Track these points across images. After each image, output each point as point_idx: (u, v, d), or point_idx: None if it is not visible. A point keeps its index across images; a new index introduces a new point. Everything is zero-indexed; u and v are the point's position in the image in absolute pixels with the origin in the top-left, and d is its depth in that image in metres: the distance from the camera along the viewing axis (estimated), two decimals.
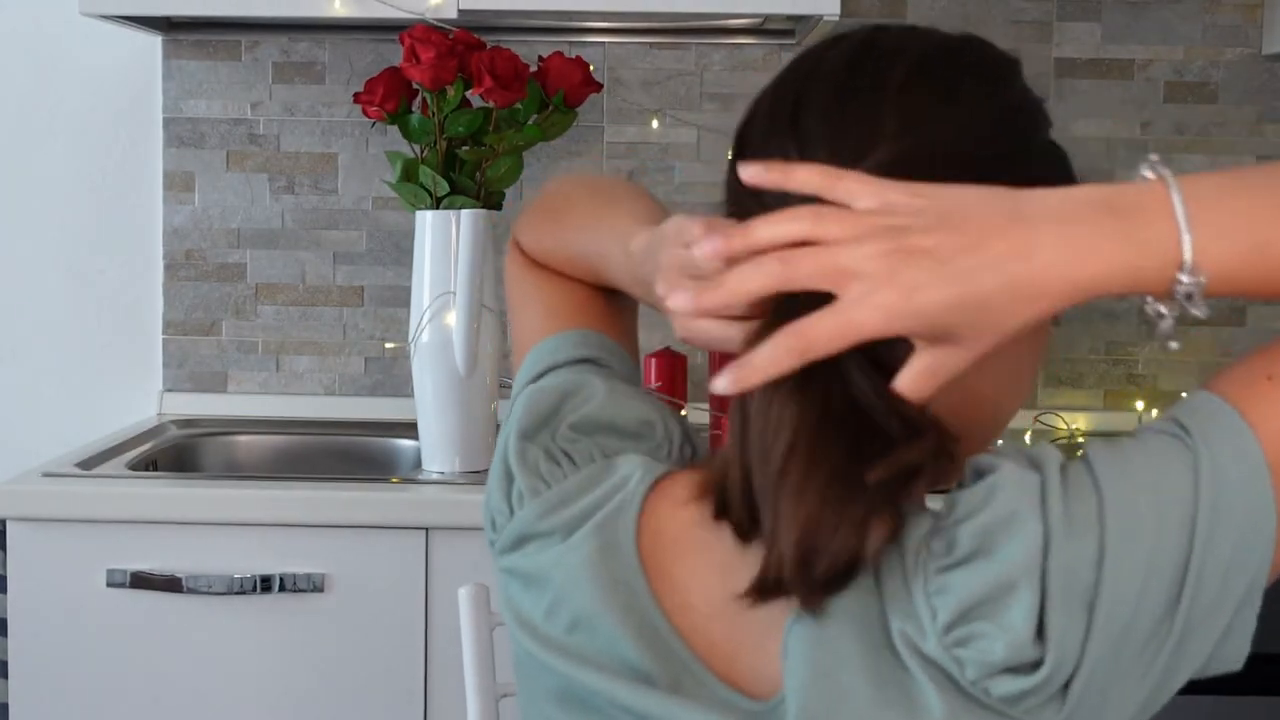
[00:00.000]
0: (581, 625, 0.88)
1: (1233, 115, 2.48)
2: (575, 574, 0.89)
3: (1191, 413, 0.83)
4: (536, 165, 2.46)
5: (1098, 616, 0.78)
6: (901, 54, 0.89)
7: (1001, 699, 0.78)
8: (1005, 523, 0.79)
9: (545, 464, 0.95)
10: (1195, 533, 0.79)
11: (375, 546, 1.93)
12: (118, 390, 2.54)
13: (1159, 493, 0.80)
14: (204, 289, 2.52)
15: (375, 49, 2.47)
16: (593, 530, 0.90)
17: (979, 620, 0.78)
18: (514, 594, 0.94)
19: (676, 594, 0.88)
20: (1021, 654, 0.78)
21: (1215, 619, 0.80)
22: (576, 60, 2.12)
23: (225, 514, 1.94)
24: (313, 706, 1.94)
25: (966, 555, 0.79)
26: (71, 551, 1.93)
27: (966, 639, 0.78)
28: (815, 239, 0.77)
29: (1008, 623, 0.78)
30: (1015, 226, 0.77)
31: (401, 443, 2.34)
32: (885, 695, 0.79)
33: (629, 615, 0.87)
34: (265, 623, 1.93)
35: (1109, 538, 0.78)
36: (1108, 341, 2.49)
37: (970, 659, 0.78)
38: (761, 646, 0.86)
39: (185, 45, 2.49)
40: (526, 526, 0.93)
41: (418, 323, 2.08)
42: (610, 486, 0.92)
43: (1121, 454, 0.82)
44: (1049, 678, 0.78)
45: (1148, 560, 0.79)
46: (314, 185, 2.51)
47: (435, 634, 1.94)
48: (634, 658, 0.87)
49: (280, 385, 2.53)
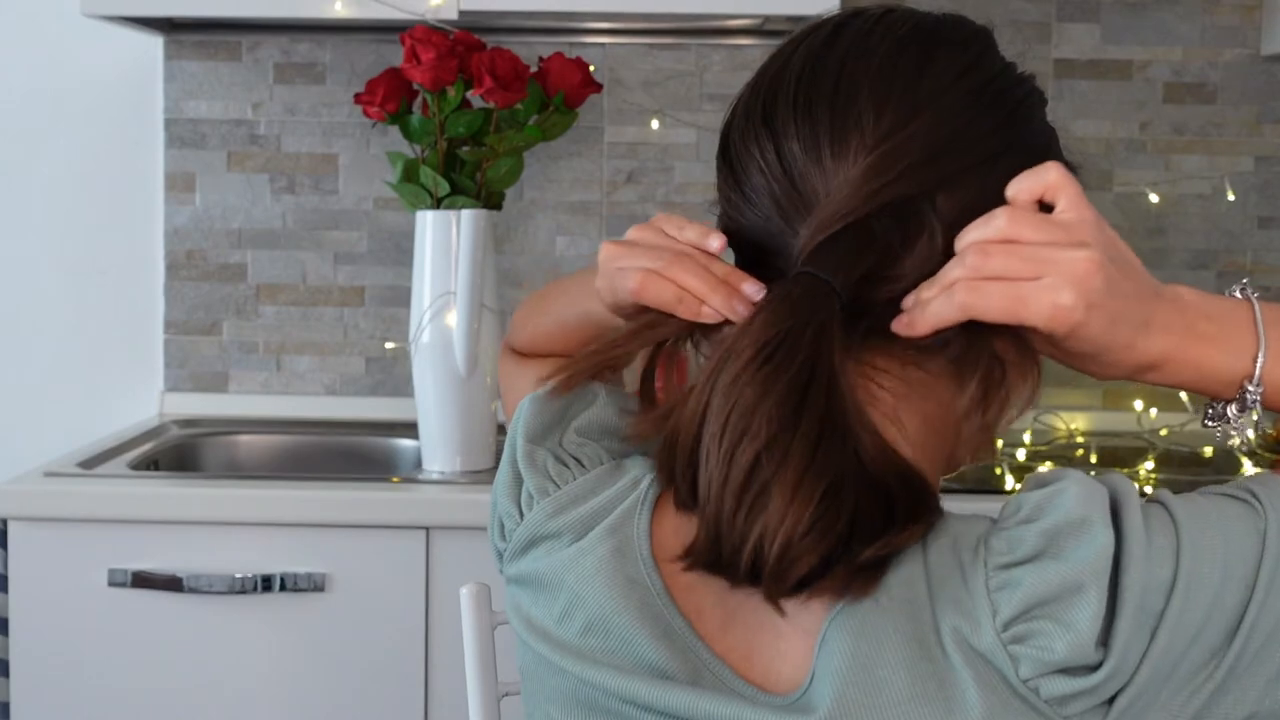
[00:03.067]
0: (596, 627, 0.88)
1: (1231, 116, 2.49)
2: (589, 576, 0.89)
3: (1261, 483, 0.86)
4: (536, 165, 2.47)
5: (1157, 642, 0.79)
6: (868, 43, 0.90)
7: (1050, 700, 0.79)
8: (1075, 527, 0.80)
9: (554, 465, 0.94)
10: (1256, 587, 0.81)
11: (375, 546, 1.93)
12: (119, 390, 2.54)
13: (1228, 547, 0.82)
14: (205, 289, 2.52)
15: (376, 50, 2.47)
16: (605, 532, 0.90)
17: (1041, 619, 0.79)
18: (524, 602, 0.93)
19: (693, 595, 0.88)
20: (1081, 655, 0.78)
21: (1259, 669, 0.82)
22: (576, 61, 2.12)
23: (226, 514, 1.94)
24: (313, 706, 1.95)
25: (1033, 554, 0.80)
26: (73, 551, 1.93)
27: (1025, 636, 0.79)
28: (1020, 238, 0.82)
29: (1071, 622, 0.78)
30: (1162, 301, 0.86)
31: (401, 443, 2.35)
32: (923, 689, 0.80)
33: (645, 615, 0.87)
34: (265, 623, 1.94)
35: (1181, 575, 0.80)
36: None
37: (1027, 656, 0.79)
38: (777, 646, 0.85)
39: (186, 46, 2.49)
40: (536, 528, 0.93)
41: (418, 323, 2.08)
42: (621, 488, 0.92)
43: (1197, 505, 0.84)
44: (1103, 683, 0.79)
45: (1209, 606, 0.80)
46: (315, 186, 2.51)
47: (435, 634, 1.94)
48: (652, 656, 0.86)
49: (281, 385, 2.53)
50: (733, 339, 0.83)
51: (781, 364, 0.80)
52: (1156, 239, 2.48)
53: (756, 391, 0.80)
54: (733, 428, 0.80)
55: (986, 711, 0.79)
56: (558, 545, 0.91)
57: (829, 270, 0.83)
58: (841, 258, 0.84)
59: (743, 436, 0.80)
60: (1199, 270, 2.48)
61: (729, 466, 0.80)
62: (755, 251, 0.91)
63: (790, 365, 0.80)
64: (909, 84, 0.88)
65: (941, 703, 0.79)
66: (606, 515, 0.91)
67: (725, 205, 0.93)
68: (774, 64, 0.93)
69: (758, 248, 0.91)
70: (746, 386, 0.80)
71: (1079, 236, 0.82)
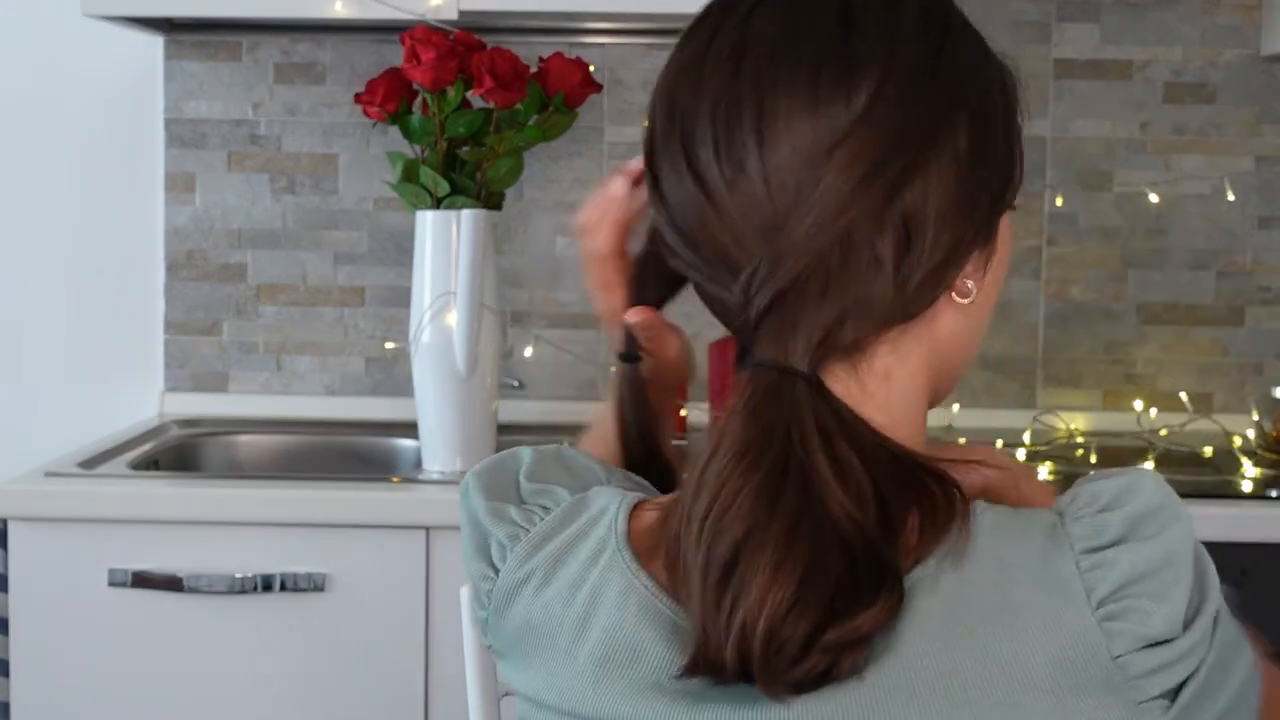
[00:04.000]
0: (603, 650, 0.85)
1: (1231, 116, 2.49)
2: (586, 604, 0.86)
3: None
4: (536, 166, 2.47)
5: (1217, 639, 0.83)
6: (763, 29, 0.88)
7: (1136, 675, 0.80)
8: (1155, 512, 0.82)
9: (519, 513, 0.92)
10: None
11: (375, 546, 1.94)
12: (119, 390, 2.54)
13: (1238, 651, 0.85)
14: (205, 289, 2.52)
15: (376, 50, 2.47)
16: (588, 557, 0.88)
17: (1138, 596, 0.80)
18: (518, 667, 0.91)
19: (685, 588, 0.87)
20: (1173, 629, 0.80)
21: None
22: (576, 61, 2.13)
23: (226, 514, 1.94)
24: (313, 706, 1.95)
25: (1120, 537, 0.81)
26: (73, 551, 1.93)
27: (1122, 613, 0.80)
28: None
29: (1167, 595, 0.80)
30: None
31: (401, 443, 2.35)
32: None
33: (646, 616, 0.85)
34: (265, 623, 1.94)
35: (1211, 659, 0.83)
36: (1107, 341, 2.50)
37: (1123, 631, 0.80)
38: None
39: (187, 46, 2.49)
40: (511, 574, 0.90)
41: (418, 323, 2.08)
42: (589, 518, 0.90)
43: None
44: (1183, 657, 0.80)
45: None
46: (315, 186, 2.51)
47: (435, 634, 1.94)
48: (667, 656, 0.84)
49: (281, 385, 2.53)
50: (718, 434, 0.82)
51: (754, 461, 0.80)
52: (1156, 239, 2.48)
53: (735, 486, 0.80)
54: (712, 522, 0.80)
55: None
56: (539, 585, 0.89)
57: (789, 355, 0.82)
58: (798, 329, 0.83)
59: (721, 531, 0.79)
60: (1199, 270, 2.48)
61: (708, 561, 0.79)
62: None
63: (764, 461, 0.80)
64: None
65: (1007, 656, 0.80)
66: (581, 544, 0.89)
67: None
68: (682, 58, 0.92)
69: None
70: (727, 481, 0.80)
71: None
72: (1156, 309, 2.49)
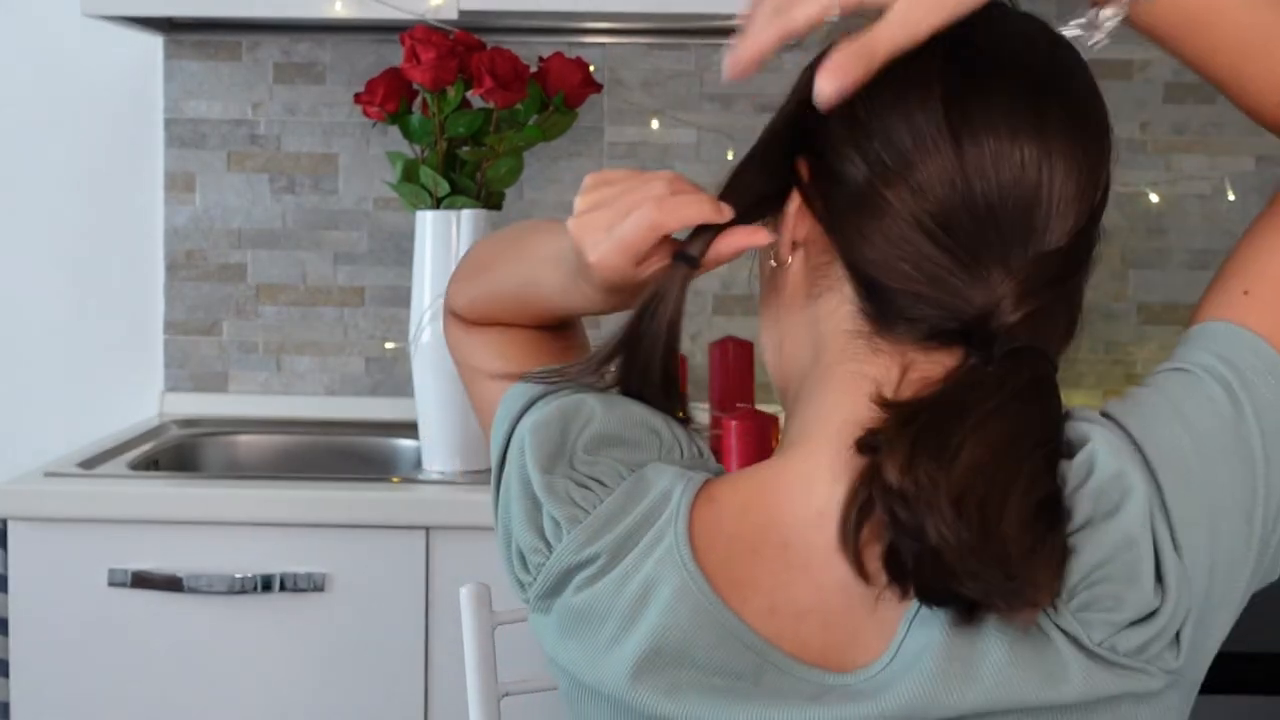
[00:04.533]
0: (652, 650, 0.85)
1: (1231, 116, 2.46)
2: (637, 599, 0.86)
3: (1189, 343, 0.87)
4: (536, 165, 2.47)
5: (1185, 561, 0.81)
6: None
7: (1127, 653, 0.80)
8: (1115, 480, 0.81)
9: (577, 491, 0.90)
10: (1254, 459, 0.83)
11: (375, 546, 1.93)
12: (119, 390, 2.54)
13: (1191, 430, 0.83)
14: (205, 289, 2.52)
15: (376, 50, 2.47)
16: (645, 549, 0.87)
17: (1103, 581, 0.80)
18: (555, 638, 0.90)
19: (757, 599, 0.86)
20: (1147, 605, 0.80)
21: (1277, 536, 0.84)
22: (576, 61, 2.12)
23: (225, 514, 1.94)
24: (313, 706, 1.95)
25: (1087, 519, 0.81)
26: (73, 551, 1.93)
27: (1091, 602, 0.80)
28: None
29: (1133, 577, 0.80)
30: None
31: (401, 443, 2.35)
32: (1020, 656, 0.80)
33: (699, 621, 0.85)
34: (265, 623, 1.94)
35: (1163, 484, 0.82)
36: (1107, 341, 2.49)
37: (1096, 620, 0.80)
38: (856, 636, 0.85)
39: (186, 46, 2.49)
40: (570, 557, 0.89)
41: (418, 323, 2.08)
42: (651, 503, 0.89)
43: (1138, 403, 0.86)
44: (1167, 624, 0.80)
45: (1209, 499, 0.82)
46: (315, 186, 2.51)
47: (435, 634, 1.94)
48: (715, 662, 0.84)
49: (281, 385, 2.53)
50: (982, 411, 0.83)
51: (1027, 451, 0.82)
52: (1156, 239, 2.47)
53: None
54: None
55: (1084, 678, 0.80)
56: (596, 572, 0.88)
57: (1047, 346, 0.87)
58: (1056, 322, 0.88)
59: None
60: (1199, 270, 2.48)
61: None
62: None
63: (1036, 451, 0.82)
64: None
65: (1041, 671, 0.80)
66: (644, 532, 0.88)
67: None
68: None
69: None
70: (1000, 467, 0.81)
71: None
72: (1156, 309, 2.49)
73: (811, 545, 0.86)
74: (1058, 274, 0.85)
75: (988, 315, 0.84)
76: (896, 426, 0.81)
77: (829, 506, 0.84)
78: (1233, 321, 0.86)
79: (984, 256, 0.85)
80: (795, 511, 0.87)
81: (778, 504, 0.88)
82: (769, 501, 0.88)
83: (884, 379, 0.87)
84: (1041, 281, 0.85)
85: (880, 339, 0.88)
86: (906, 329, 0.87)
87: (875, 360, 0.88)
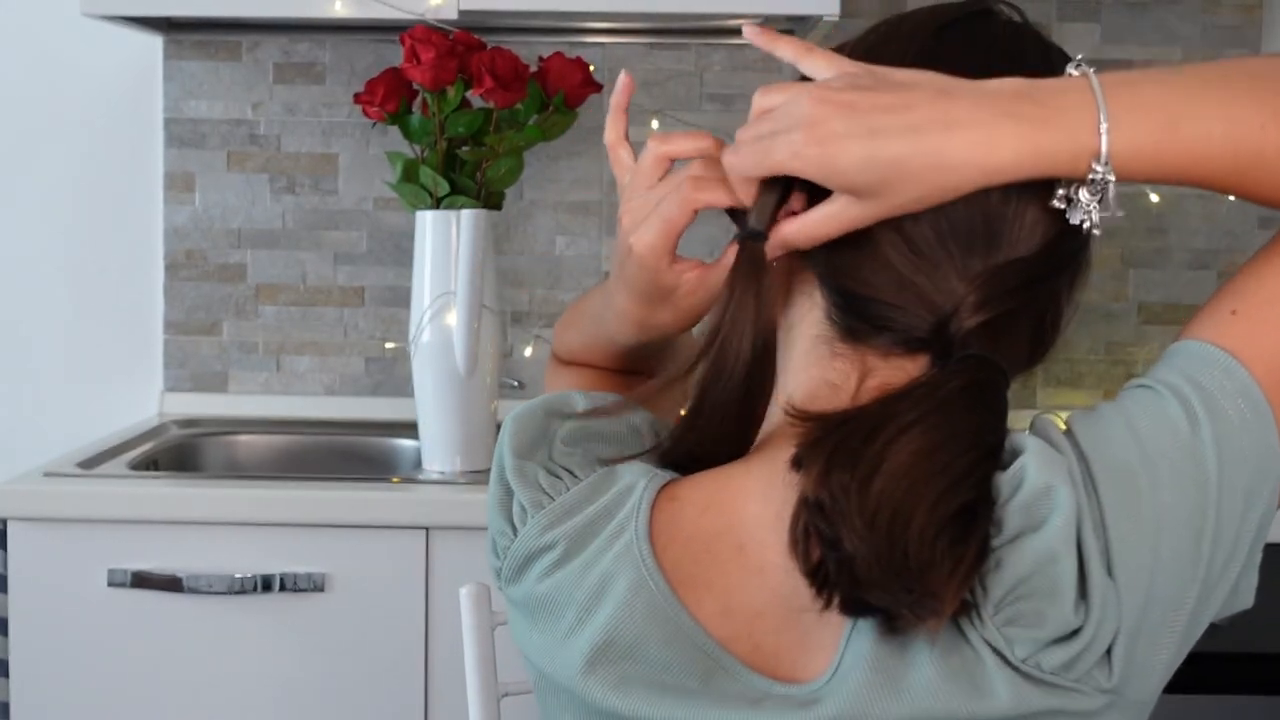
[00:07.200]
0: (604, 642, 0.86)
1: None
2: (594, 592, 0.87)
3: (1163, 360, 0.87)
4: (536, 165, 2.47)
5: (1119, 579, 0.80)
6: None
7: (1053, 671, 0.80)
8: (1043, 495, 0.81)
9: (545, 478, 0.92)
10: (1206, 481, 0.82)
11: (375, 546, 1.93)
12: (118, 390, 2.54)
13: (1143, 448, 0.82)
14: (205, 289, 2.52)
15: (376, 50, 2.47)
16: (605, 543, 0.88)
17: (1027, 597, 0.80)
18: (524, 627, 0.92)
19: (711, 600, 0.87)
20: (1067, 623, 0.80)
21: (1233, 564, 0.83)
22: (577, 61, 2.12)
23: (225, 514, 1.94)
24: (313, 706, 1.95)
25: (1016, 533, 0.81)
26: (72, 551, 1.93)
27: (1015, 617, 0.80)
28: (770, 106, 0.86)
29: (1054, 593, 0.79)
30: (940, 99, 0.81)
31: (401, 443, 2.35)
32: (950, 671, 0.80)
33: (653, 619, 0.86)
34: (265, 623, 1.94)
35: (1104, 500, 0.81)
36: (1107, 341, 2.49)
37: (1019, 637, 0.80)
38: (807, 640, 0.85)
39: (186, 46, 2.49)
40: (530, 542, 0.91)
41: (418, 323, 2.08)
42: (614, 496, 0.90)
43: (1096, 416, 0.85)
44: (1091, 642, 0.80)
45: (1154, 518, 0.81)
46: (315, 186, 2.51)
47: (435, 634, 1.94)
48: (663, 659, 0.85)
49: (281, 385, 2.53)
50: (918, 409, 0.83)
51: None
52: (1156, 239, 2.47)
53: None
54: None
55: (1012, 693, 0.80)
56: (555, 560, 0.89)
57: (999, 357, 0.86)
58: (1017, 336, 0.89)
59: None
60: (1199, 270, 2.48)
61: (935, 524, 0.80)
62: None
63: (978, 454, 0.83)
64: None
65: (969, 685, 0.80)
66: (604, 525, 0.89)
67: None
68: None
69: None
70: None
71: (805, 90, 0.83)
72: (1156, 309, 2.49)
73: (767, 548, 0.86)
74: (1020, 283, 0.86)
75: (946, 322, 0.85)
76: (817, 438, 0.82)
77: (785, 510, 0.84)
78: (1211, 341, 0.86)
79: (944, 265, 0.86)
80: (754, 514, 0.88)
81: (737, 506, 0.88)
82: (729, 503, 0.89)
83: (842, 385, 0.88)
84: (1002, 289, 0.85)
85: (841, 344, 0.89)
86: (871, 335, 0.88)
87: (833, 365, 0.89)
